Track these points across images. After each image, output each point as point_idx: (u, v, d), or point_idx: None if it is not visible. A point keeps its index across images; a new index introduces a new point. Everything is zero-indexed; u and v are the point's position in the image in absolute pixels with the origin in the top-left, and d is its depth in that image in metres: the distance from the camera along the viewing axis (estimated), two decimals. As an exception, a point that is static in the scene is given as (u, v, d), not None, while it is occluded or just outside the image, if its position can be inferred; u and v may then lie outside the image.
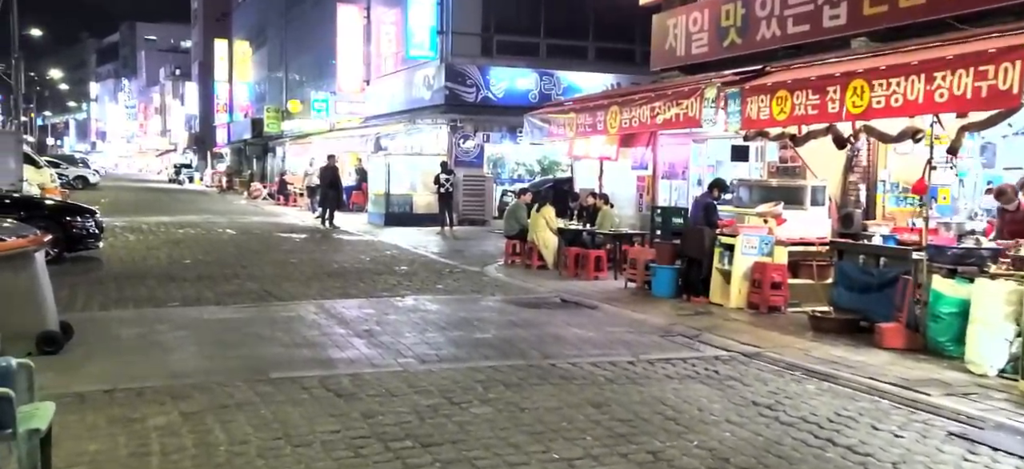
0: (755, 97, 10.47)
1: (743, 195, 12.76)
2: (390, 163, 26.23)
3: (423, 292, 12.51)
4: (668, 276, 11.93)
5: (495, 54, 27.48)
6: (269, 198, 41.95)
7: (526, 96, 27.26)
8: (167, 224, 24.16)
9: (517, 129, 27.33)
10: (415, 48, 27.25)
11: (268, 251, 17.77)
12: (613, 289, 12.91)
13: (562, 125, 15.27)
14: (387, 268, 15.24)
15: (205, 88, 74.79)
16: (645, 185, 15.85)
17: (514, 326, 9.73)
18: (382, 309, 10.76)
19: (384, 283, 13.27)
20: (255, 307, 10.82)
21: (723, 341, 9.01)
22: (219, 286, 12.65)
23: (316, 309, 10.66)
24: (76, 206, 16.27)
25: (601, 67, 27.99)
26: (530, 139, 17.08)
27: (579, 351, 8.46)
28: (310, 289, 12.49)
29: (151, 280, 13.12)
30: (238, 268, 14.82)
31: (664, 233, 12.80)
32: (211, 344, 8.50)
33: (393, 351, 8.29)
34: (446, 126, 27.02)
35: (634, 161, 16.18)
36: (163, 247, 17.93)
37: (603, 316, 10.65)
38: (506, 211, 16.51)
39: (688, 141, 14.79)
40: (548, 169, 28.67)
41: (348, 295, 11.99)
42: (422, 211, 25.83)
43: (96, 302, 11.07)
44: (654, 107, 12.36)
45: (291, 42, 47.26)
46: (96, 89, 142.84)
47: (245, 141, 57.52)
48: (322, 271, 14.60)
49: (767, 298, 10.77)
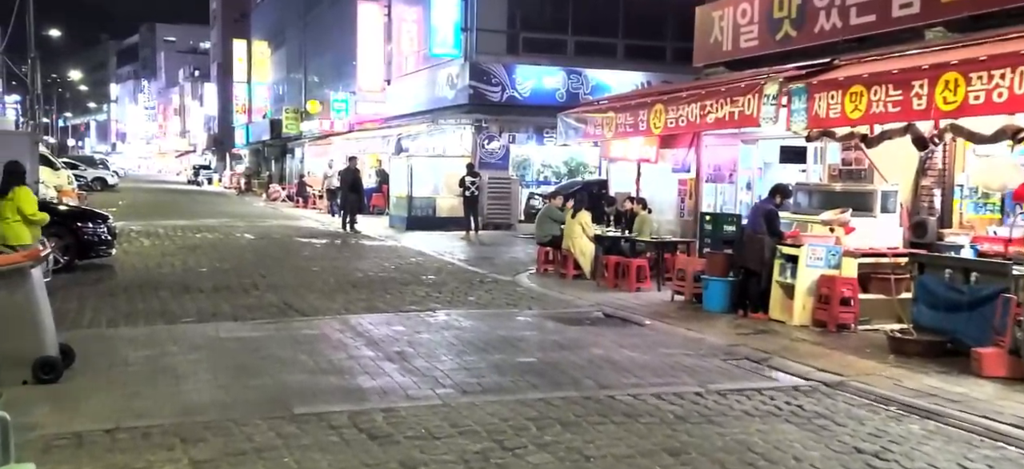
0: (824, 93, 9.52)
1: (802, 201, 11.77)
2: (412, 165, 25.33)
3: (454, 305, 11.61)
4: (721, 289, 10.97)
5: (521, 52, 26.53)
6: (288, 200, 41.23)
7: (553, 95, 26.33)
8: (184, 228, 23.40)
9: (545, 130, 26.53)
10: (438, 46, 26.35)
11: (288, 258, 16.93)
12: (659, 302, 11.96)
13: (599, 125, 14.36)
14: (414, 277, 14.35)
15: (224, 89, 74.41)
16: (687, 189, 14.89)
17: (559, 347, 8.81)
18: (413, 326, 9.86)
19: (412, 295, 12.38)
20: (275, 324, 9.95)
21: (797, 366, 8.05)
22: (237, 298, 11.80)
23: (341, 326, 9.78)
24: (88, 211, 15.49)
25: (631, 65, 26.99)
26: (563, 140, 16.16)
27: (638, 379, 7.52)
28: (334, 302, 11.62)
29: (165, 291, 12.29)
30: (257, 277, 13.98)
31: (714, 242, 11.85)
32: (228, 370, 7.62)
33: (430, 379, 7.38)
34: (470, 126, 26.11)
35: (675, 163, 15.24)
36: (179, 253, 17.13)
37: (654, 335, 9.71)
38: (538, 216, 15.59)
39: (736, 142, 13.82)
40: (575, 171, 27.72)
41: (375, 309, 11.10)
42: (445, 215, 24.96)
43: (104, 317, 10.24)
44: (705, 105, 11.42)
45: (310, 42, 46.55)
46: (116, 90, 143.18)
47: (263, 142, 56.92)
48: (345, 281, 13.74)
49: (836, 315, 9.79)
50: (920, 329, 8.85)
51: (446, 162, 26.04)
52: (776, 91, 10.17)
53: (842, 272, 10.02)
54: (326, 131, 40.04)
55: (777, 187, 11.03)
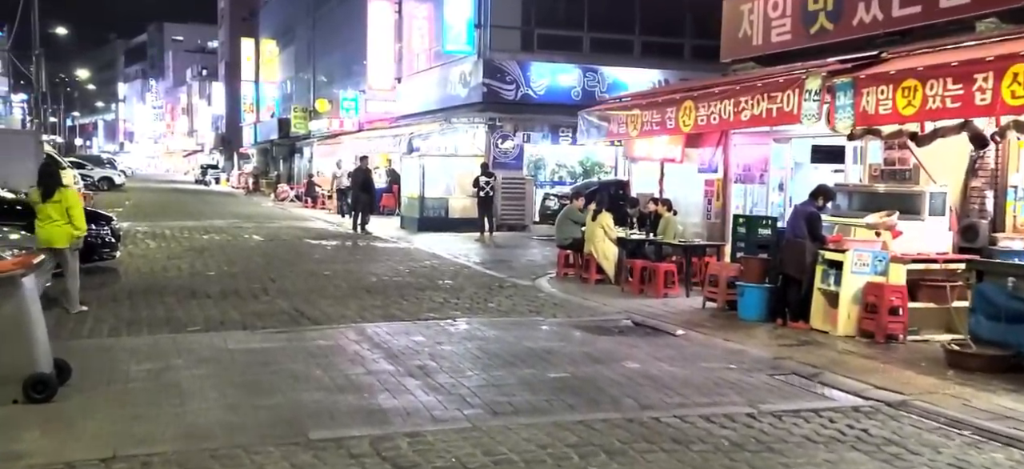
0: (873, 88, 8.90)
1: (841, 203, 11.13)
2: (425, 164, 24.75)
3: (475, 312, 11.02)
4: (758, 297, 10.34)
5: (536, 49, 25.94)
6: (296, 200, 40.72)
7: (568, 94, 25.74)
8: (191, 229, 22.87)
9: (560, 129, 25.95)
10: (451, 42, 25.78)
11: (298, 261, 16.36)
12: (690, 310, 11.35)
13: (623, 123, 13.74)
14: (430, 282, 13.76)
15: (232, 88, 74.00)
16: (714, 190, 14.25)
17: (592, 361, 8.20)
18: (433, 336, 9.27)
19: (429, 301, 11.80)
20: (287, 333, 9.37)
21: (852, 383, 7.43)
22: (246, 304, 11.24)
23: (357, 336, 9.20)
24: (91, 212, 14.89)
25: (647, 62, 26.36)
26: (584, 139, 15.54)
27: (682, 398, 6.92)
28: (348, 309, 11.04)
29: (170, 297, 11.73)
30: (267, 281, 13.41)
31: (748, 246, 11.21)
32: (237, 386, 7.04)
33: (456, 397, 6.79)
34: (484, 125, 25.50)
35: (701, 163, 14.61)
36: (185, 256, 16.58)
37: (691, 346, 9.09)
38: (557, 218, 14.98)
39: (767, 141, 13.19)
40: (590, 171, 27.14)
41: (391, 316, 10.52)
42: (458, 216, 24.38)
43: (106, 325, 9.67)
44: (739, 102, 10.80)
45: (319, 40, 46.04)
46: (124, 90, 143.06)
47: (272, 141, 56.45)
48: (359, 286, 13.16)
49: (884, 325, 9.16)
50: (979, 341, 8.22)
51: (459, 162, 25.47)
52: (819, 86, 9.54)
53: (889, 279, 9.40)
54: (335, 130, 39.49)
55: (819, 188, 10.39)
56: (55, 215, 9.87)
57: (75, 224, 10.01)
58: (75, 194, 10.30)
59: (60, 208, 9.86)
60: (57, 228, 9.87)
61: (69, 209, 9.93)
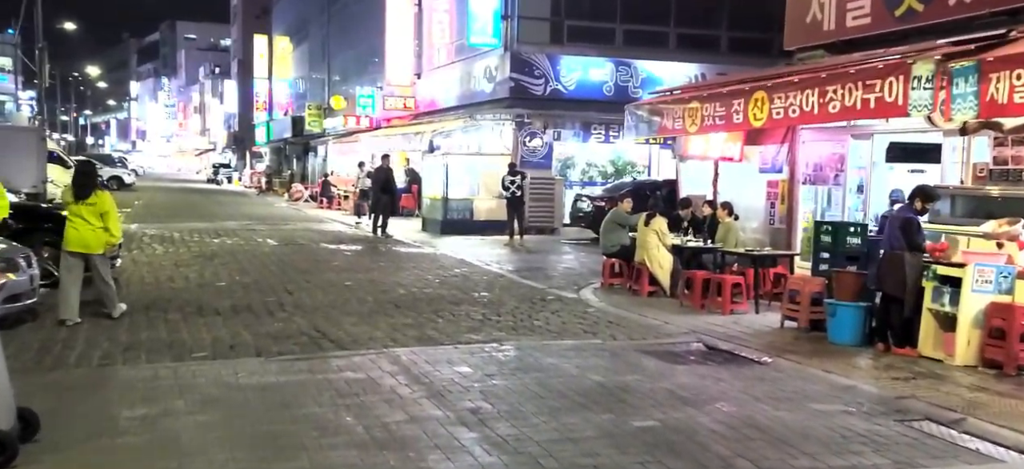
0: (1004, 72, 7.48)
1: (941, 208, 9.68)
2: (448, 163, 23.37)
3: (522, 332, 9.62)
4: (853, 317, 8.91)
5: (566, 41, 24.53)
6: (310, 201, 39.45)
7: (600, 89, 24.39)
8: (201, 232, 21.56)
9: (591, 126, 24.53)
10: (476, 35, 24.38)
11: (317, 269, 15.00)
12: (766, 330, 9.94)
13: (679, 117, 12.34)
14: (464, 294, 12.38)
15: (244, 86, 72.97)
16: (779, 192, 12.83)
17: (679, 401, 6.78)
18: (481, 366, 7.88)
19: (467, 318, 10.41)
20: (308, 362, 8.00)
21: (1009, 434, 5.99)
22: (260, 322, 9.88)
23: (391, 366, 7.82)
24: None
25: (683, 56, 24.95)
26: (632, 135, 14.13)
27: (812, 461, 5.49)
28: (376, 328, 9.67)
29: (175, 313, 10.39)
30: (283, 293, 12.06)
31: (834, 256, 9.77)
32: (248, 441, 5.66)
33: (527, 459, 5.39)
34: (511, 122, 24.08)
35: (763, 162, 13.20)
36: (194, 263, 15.25)
37: (787, 379, 7.66)
38: (603, 223, 13.57)
39: (844, 137, 11.74)
40: (622, 171, 25.69)
41: (428, 338, 9.13)
42: (484, 218, 23.02)
43: (97, 350, 8.33)
44: (825, 92, 9.39)
45: (334, 36, 44.74)
46: (136, 88, 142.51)
47: (285, 140, 55.26)
48: (385, 299, 11.79)
49: (1015, 354, 7.72)
50: None
51: (484, 161, 24.07)
52: (931, 72, 8.11)
53: (1017, 298, 7.95)
54: (352, 128, 38.15)
55: (918, 190, 8.93)
56: (90, 218, 9.35)
57: (110, 229, 9.49)
58: (110, 198, 9.63)
59: (94, 211, 9.34)
60: (92, 232, 9.37)
61: (104, 213, 9.39)
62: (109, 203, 9.51)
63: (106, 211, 9.41)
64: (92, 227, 9.36)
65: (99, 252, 9.48)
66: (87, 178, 9.59)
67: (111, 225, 9.47)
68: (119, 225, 9.74)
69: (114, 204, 9.69)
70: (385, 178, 22.19)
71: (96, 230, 9.37)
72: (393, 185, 22.64)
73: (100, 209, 9.38)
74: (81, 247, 9.38)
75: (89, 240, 9.39)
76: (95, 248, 9.43)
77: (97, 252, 9.47)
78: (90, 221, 9.35)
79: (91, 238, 9.39)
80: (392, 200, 22.44)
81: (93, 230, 9.36)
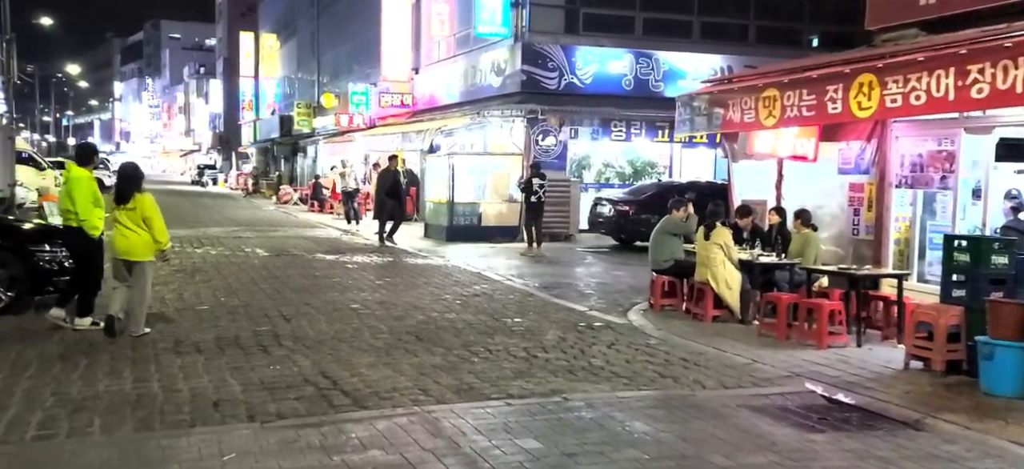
0: None
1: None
2: (454, 164, 21.36)
3: (582, 376, 7.64)
4: (1018, 362, 6.95)
5: (582, 31, 22.61)
6: (300, 203, 37.36)
7: (619, 82, 22.47)
8: (183, 241, 19.43)
9: (611, 122, 22.58)
10: (484, 24, 22.38)
11: (315, 287, 12.95)
12: (884, 370, 8.02)
13: (750, 108, 10.37)
14: (494, 320, 10.38)
15: (230, 86, 70.97)
16: (864, 197, 10.87)
17: (846, 497, 4.81)
18: (552, 436, 5.88)
19: (508, 355, 8.42)
20: (318, 428, 5.99)
21: None
22: (252, 364, 7.86)
23: (429, 434, 5.82)
24: (48, 229, 11.52)
25: (708, 46, 23.09)
26: (685, 130, 12.12)
27: None
28: (399, 372, 7.66)
29: (143, 350, 8.35)
30: (279, 321, 10.03)
31: (973, 280, 7.79)
32: None
33: None
34: (522, 119, 22.08)
35: (843, 161, 11.23)
36: (172, 280, 13.17)
37: (968, 455, 5.70)
38: (654, 234, 11.59)
39: (954, 131, 9.78)
40: (641, 171, 23.75)
41: (468, 388, 7.14)
42: (492, 223, 21.11)
43: (38, 411, 6.30)
44: (967, 72, 7.42)
45: (324, 31, 42.64)
46: (120, 89, 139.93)
47: (273, 140, 53.15)
48: (402, 327, 9.78)
49: None
50: None
51: (494, 161, 22.09)
52: None
53: None
54: (344, 127, 36.06)
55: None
56: (130, 224, 8.84)
57: (155, 234, 8.91)
58: (151, 201, 8.99)
59: (135, 216, 8.82)
60: (137, 238, 8.87)
61: (146, 218, 8.84)
62: (150, 207, 8.89)
63: (147, 215, 8.82)
64: (136, 233, 8.83)
65: (145, 259, 8.91)
66: (127, 182, 8.97)
67: (155, 229, 8.88)
68: (164, 228, 9.00)
69: (156, 207, 8.98)
70: (392, 181, 20.03)
71: (141, 236, 8.85)
72: (400, 188, 20.36)
73: (141, 214, 8.80)
74: (126, 254, 8.88)
75: (134, 247, 8.86)
76: (140, 255, 8.87)
77: (143, 259, 8.89)
78: (132, 227, 8.83)
79: (136, 245, 8.85)
80: (399, 205, 20.13)
81: (137, 236, 8.84)
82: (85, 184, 9.05)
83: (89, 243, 9.13)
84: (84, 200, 8.95)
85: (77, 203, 8.93)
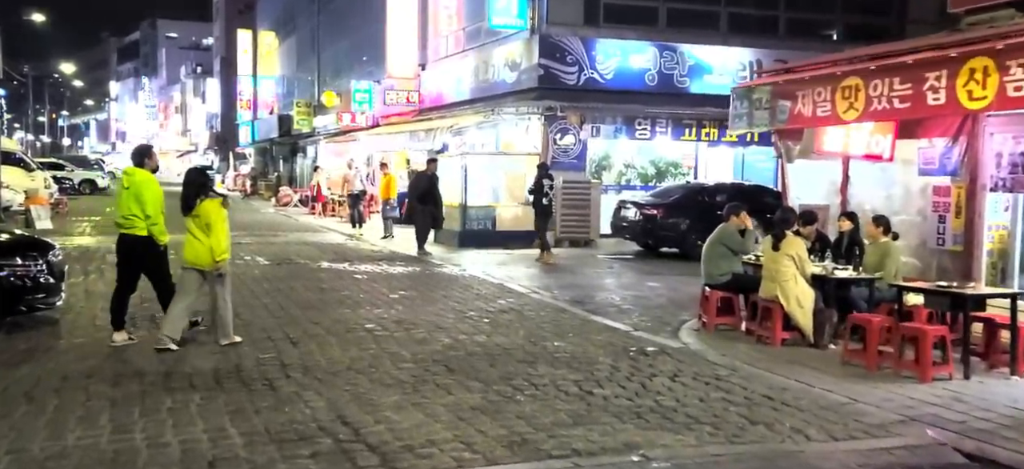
0: None
1: None
2: (467, 165, 20.03)
3: (655, 423, 6.32)
4: None
5: (602, 23, 21.25)
6: (300, 206, 36.05)
7: (642, 77, 21.16)
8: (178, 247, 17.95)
9: (635, 120, 21.26)
10: (499, 15, 21.00)
11: (324, 303, 11.62)
12: (1009, 408, 6.71)
13: (826, 100, 9.05)
14: (532, 344, 9.05)
15: (227, 85, 69.56)
16: (952, 201, 9.55)
17: None
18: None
19: (558, 391, 7.10)
20: (343, 507, 4.67)
21: None
22: (256, 409, 6.53)
23: (487, 516, 4.50)
24: (22, 240, 10.18)
25: (736, 40, 21.82)
26: (742, 125, 10.75)
27: None
28: (433, 416, 6.35)
29: (130, 384, 7.06)
30: (284, 346, 8.72)
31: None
32: None
33: None
34: (539, 117, 20.74)
35: (925, 161, 9.91)
36: (165, 295, 11.81)
37: None
38: (708, 244, 10.25)
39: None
40: (664, 172, 22.43)
41: (521, 440, 5.81)
42: (508, 228, 19.80)
43: (-13, 481, 4.98)
44: None
45: (325, 28, 41.27)
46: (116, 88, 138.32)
47: (271, 140, 51.81)
48: (428, 354, 8.46)
49: None
50: None
51: (508, 161, 20.77)
52: None
53: None
54: (347, 126, 34.71)
55: None
56: (196, 232, 8.51)
57: (213, 244, 8.43)
58: (214, 207, 8.56)
59: (199, 224, 8.48)
60: (202, 246, 8.49)
61: (208, 225, 8.45)
62: (214, 214, 8.47)
63: (210, 223, 8.42)
64: (201, 242, 8.49)
65: (210, 269, 8.51)
66: (191, 188, 8.60)
67: (215, 239, 8.43)
68: (224, 238, 8.55)
69: (221, 215, 8.56)
70: (426, 187, 18.19)
71: (206, 244, 8.47)
72: (435, 196, 18.22)
73: (204, 221, 8.44)
74: (193, 262, 8.57)
75: (199, 256, 8.51)
76: (207, 264, 8.49)
77: (209, 268, 8.50)
78: (198, 236, 8.48)
79: (202, 254, 8.49)
80: (434, 213, 18.23)
81: (203, 244, 8.50)
82: (155, 186, 8.71)
83: (158, 251, 8.78)
84: (157, 204, 8.62)
85: (149, 206, 8.53)
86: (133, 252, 8.74)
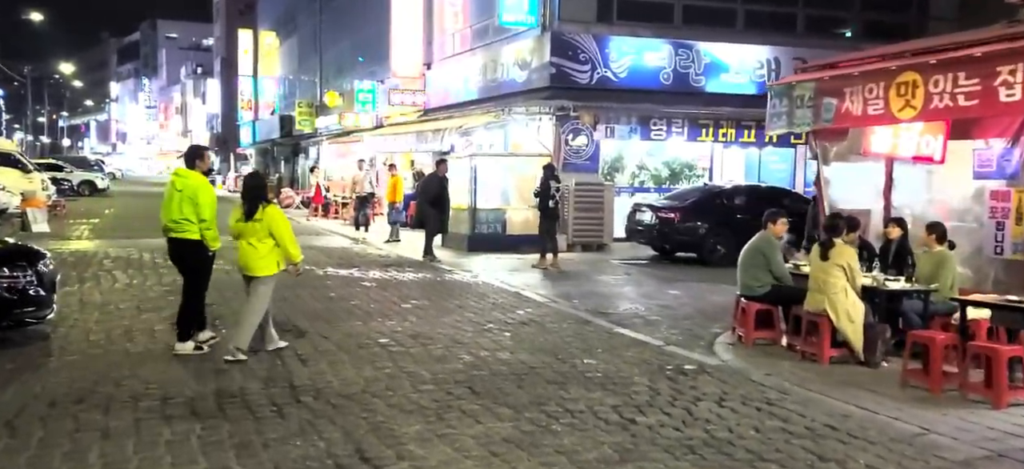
0: None
1: None
2: (476, 166, 19.35)
3: (703, 456, 5.69)
4: None
5: (616, 20, 20.60)
6: (302, 207, 35.35)
7: (657, 76, 20.51)
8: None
9: (651, 120, 20.60)
10: (509, 12, 20.37)
11: (332, 313, 10.94)
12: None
13: (878, 96, 8.39)
14: (559, 360, 8.38)
15: (228, 85, 68.99)
16: (1012, 207, 8.88)
17: None
18: None
19: (596, 419, 6.44)
20: None
21: None
22: (265, 441, 5.85)
23: None
24: (9, 249, 9.47)
25: (752, 37, 21.17)
26: (780, 125, 10.06)
27: None
28: (461, 451, 5.70)
29: (123, 411, 6.40)
30: (293, 364, 8.06)
31: None
32: None
33: None
34: (550, 117, 20.07)
35: (980, 163, 9.25)
36: (165, 305, 11.16)
37: None
38: (745, 252, 9.57)
39: None
40: (678, 174, 21.75)
41: (564, 483, 5.13)
42: (518, 232, 19.07)
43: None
44: None
45: (327, 27, 40.61)
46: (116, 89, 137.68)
47: (273, 141, 51.14)
48: (449, 374, 7.78)
49: None
50: None
51: (520, 163, 20.07)
52: None
53: None
54: (350, 127, 34.04)
55: None
56: (255, 241, 8.24)
57: (285, 248, 8.29)
58: (277, 213, 8.37)
59: (261, 231, 8.21)
60: (254, 253, 8.24)
61: (272, 231, 8.21)
62: (278, 220, 8.28)
63: (272, 226, 8.19)
64: (257, 249, 8.23)
65: (263, 274, 8.25)
66: (251, 193, 8.32)
67: (285, 244, 8.25)
68: (292, 241, 8.32)
69: (283, 219, 8.33)
70: (437, 190, 17.64)
71: (260, 250, 8.23)
72: (445, 199, 17.77)
73: (267, 228, 8.19)
74: (244, 269, 8.36)
75: (249, 262, 8.28)
76: (258, 270, 8.26)
77: (260, 274, 8.26)
78: (256, 245, 8.22)
79: (253, 260, 8.26)
80: (443, 217, 17.77)
81: (256, 251, 8.23)
82: (210, 189, 8.49)
83: (206, 255, 8.52)
84: (213, 207, 8.37)
85: (205, 210, 8.27)
86: (183, 256, 8.50)
